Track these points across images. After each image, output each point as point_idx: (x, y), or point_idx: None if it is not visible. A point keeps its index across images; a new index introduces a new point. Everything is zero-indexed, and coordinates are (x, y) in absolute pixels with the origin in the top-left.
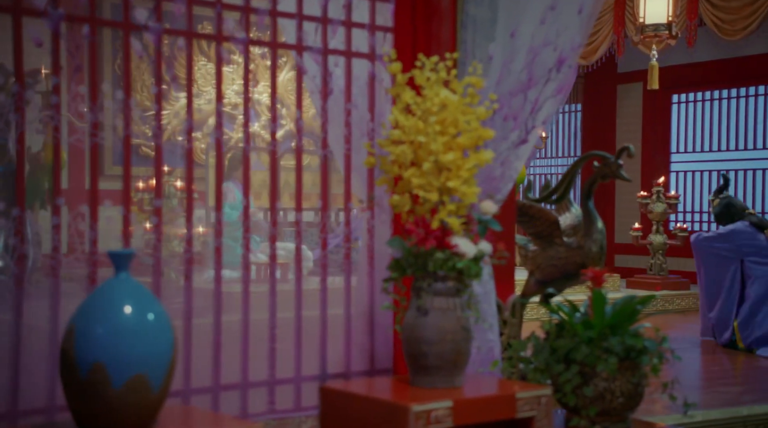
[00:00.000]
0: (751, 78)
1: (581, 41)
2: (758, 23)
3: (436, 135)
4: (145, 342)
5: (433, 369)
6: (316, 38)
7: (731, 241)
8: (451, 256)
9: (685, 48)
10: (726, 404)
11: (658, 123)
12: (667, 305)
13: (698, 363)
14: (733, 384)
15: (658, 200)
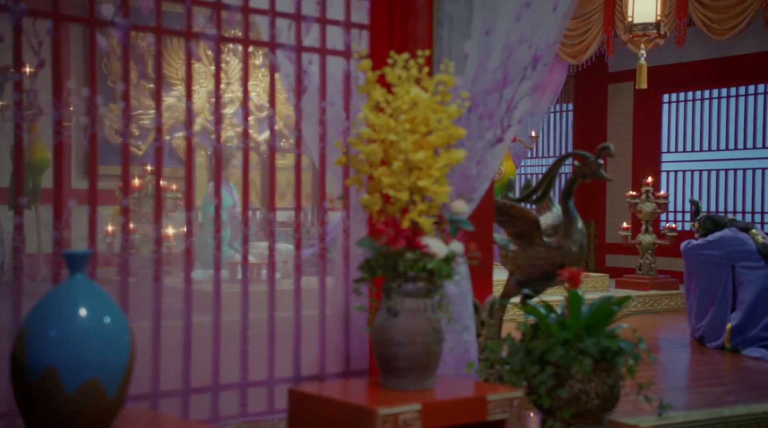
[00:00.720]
0: (741, 78)
1: (556, 39)
2: (747, 23)
3: (406, 133)
4: (101, 346)
5: (403, 371)
6: (289, 35)
7: (721, 247)
8: (422, 256)
9: (675, 48)
10: (709, 405)
11: (648, 123)
12: (656, 305)
13: (685, 363)
14: (717, 384)
15: (647, 200)
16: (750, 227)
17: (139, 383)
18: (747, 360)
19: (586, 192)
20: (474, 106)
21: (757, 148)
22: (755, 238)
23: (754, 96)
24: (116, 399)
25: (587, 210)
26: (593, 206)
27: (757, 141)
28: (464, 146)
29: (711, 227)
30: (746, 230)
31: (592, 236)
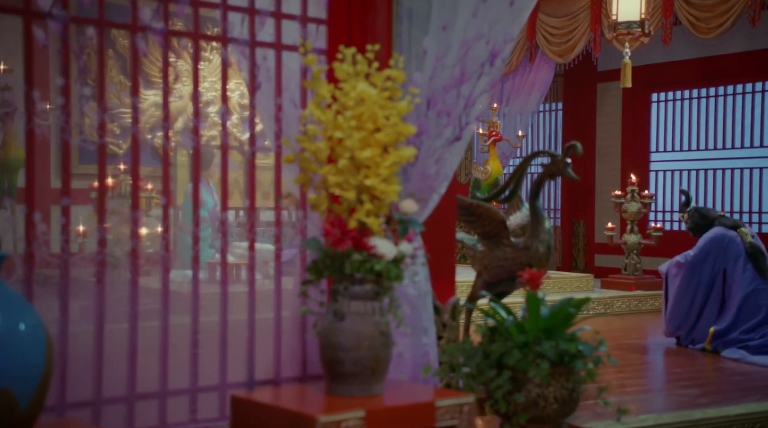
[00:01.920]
0: (729, 77)
1: (513, 34)
2: (732, 21)
3: (352, 130)
4: (13, 355)
5: (349, 376)
6: (242, 30)
7: (714, 250)
8: (369, 258)
9: (664, 47)
10: (682, 407)
11: (637, 122)
12: (640, 306)
13: (664, 364)
14: (693, 386)
15: (633, 200)
16: (739, 225)
17: (83, 390)
18: (726, 361)
19: (576, 192)
20: (432, 103)
21: (745, 147)
22: (744, 237)
23: (742, 95)
24: (30, 411)
25: (576, 210)
26: (582, 206)
27: (745, 140)
28: (423, 143)
29: (699, 221)
30: (735, 228)
31: (581, 236)
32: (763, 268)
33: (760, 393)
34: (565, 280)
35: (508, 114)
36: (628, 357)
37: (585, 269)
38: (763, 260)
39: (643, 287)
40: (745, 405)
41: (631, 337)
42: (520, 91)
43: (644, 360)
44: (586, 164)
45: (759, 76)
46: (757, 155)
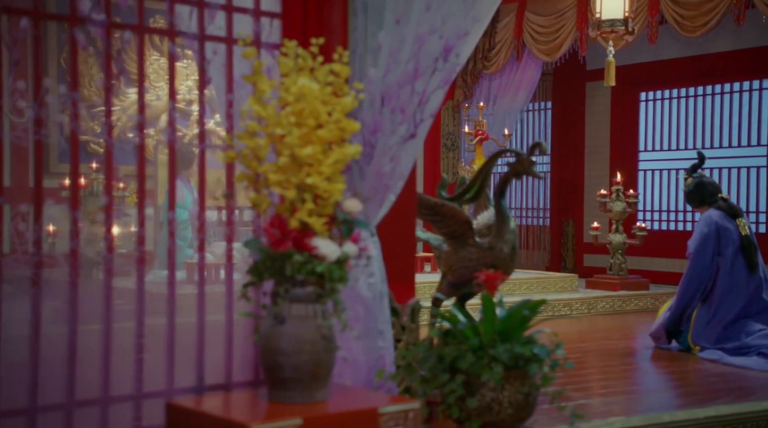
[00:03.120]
0: (717, 76)
1: (467, 29)
2: (717, 20)
3: (292, 127)
4: None
5: (290, 382)
6: (191, 23)
7: (713, 237)
8: (311, 259)
9: (653, 46)
10: (652, 409)
11: (626, 121)
12: (624, 306)
13: (637, 366)
14: (666, 388)
15: (618, 199)
16: (738, 214)
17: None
18: (704, 362)
19: (565, 191)
20: (387, 99)
21: (733, 146)
22: (741, 229)
23: (729, 94)
24: None
25: (565, 210)
26: (571, 206)
27: (732, 139)
28: (378, 141)
29: (695, 191)
30: (734, 216)
31: (569, 236)
32: (755, 262)
33: (733, 394)
34: (548, 280)
35: (495, 113)
36: (605, 358)
37: (573, 268)
38: (755, 254)
39: (628, 288)
40: (716, 407)
41: (610, 338)
42: (507, 90)
43: (621, 361)
44: (575, 163)
45: (746, 75)
46: (745, 154)
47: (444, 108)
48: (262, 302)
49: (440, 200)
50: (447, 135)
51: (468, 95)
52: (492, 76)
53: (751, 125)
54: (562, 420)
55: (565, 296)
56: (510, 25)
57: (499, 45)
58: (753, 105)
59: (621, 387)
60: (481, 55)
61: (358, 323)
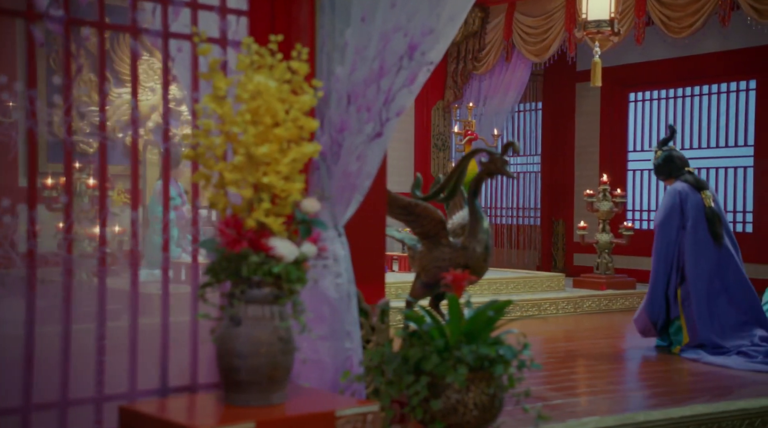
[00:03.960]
0: (704, 77)
1: (432, 26)
2: (703, 21)
3: (247, 125)
4: None
5: (245, 385)
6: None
7: (677, 208)
8: (267, 259)
9: (642, 47)
10: (629, 409)
11: (615, 121)
12: (610, 305)
13: (617, 366)
14: (644, 387)
15: (605, 199)
16: (703, 187)
17: None
18: (685, 362)
19: (555, 191)
20: (353, 97)
21: (720, 147)
22: (705, 201)
23: (717, 95)
24: None
25: (556, 209)
26: (561, 205)
27: (720, 140)
28: (344, 140)
29: (662, 164)
30: (698, 189)
31: (559, 235)
32: (719, 234)
33: (710, 394)
34: (535, 279)
35: (485, 113)
36: (586, 357)
37: (564, 268)
38: (720, 225)
39: (614, 287)
40: (691, 407)
41: (594, 337)
42: (497, 90)
43: (602, 360)
44: (565, 163)
45: (733, 75)
46: (732, 155)
47: (434, 108)
48: (220, 303)
49: (414, 199)
50: (437, 135)
51: (458, 96)
52: (482, 76)
53: (738, 125)
54: (530, 422)
55: (552, 296)
56: (500, 25)
57: (489, 46)
58: (740, 106)
59: (601, 387)
60: (471, 55)
61: (325, 324)
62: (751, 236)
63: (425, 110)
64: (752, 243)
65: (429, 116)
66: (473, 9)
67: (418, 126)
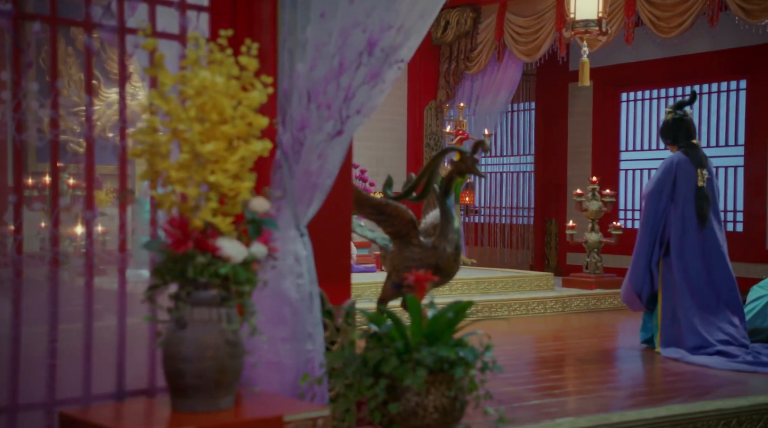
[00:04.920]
0: (695, 77)
1: (391, 22)
2: (691, 21)
3: (192, 122)
4: None
5: (191, 389)
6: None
7: (670, 180)
8: (214, 260)
9: (634, 47)
10: (604, 409)
11: (607, 121)
12: (599, 304)
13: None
14: (622, 387)
15: (594, 198)
16: (703, 165)
17: None
18: (666, 361)
19: (548, 191)
20: (314, 95)
21: (711, 146)
22: (699, 179)
23: (708, 95)
24: None
25: (549, 209)
26: (554, 205)
27: (710, 139)
28: (306, 138)
29: (670, 127)
30: (697, 166)
31: (552, 235)
32: (705, 214)
33: (688, 394)
34: (524, 279)
35: (477, 113)
36: (568, 357)
37: (557, 267)
38: (707, 206)
39: (603, 286)
40: (667, 407)
41: (578, 336)
42: (488, 90)
43: (584, 360)
44: (558, 163)
45: (724, 75)
46: (722, 154)
47: (427, 108)
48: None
49: (385, 199)
50: (430, 135)
51: (450, 96)
52: (474, 76)
53: (728, 125)
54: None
55: (540, 295)
56: (491, 25)
57: (480, 46)
58: (730, 105)
59: (580, 387)
60: (464, 55)
61: (285, 326)
62: (741, 236)
63: (418, 110)
64: (742, 242)
65: (421, 116)
66: (465, 9)
67: (411, 126)
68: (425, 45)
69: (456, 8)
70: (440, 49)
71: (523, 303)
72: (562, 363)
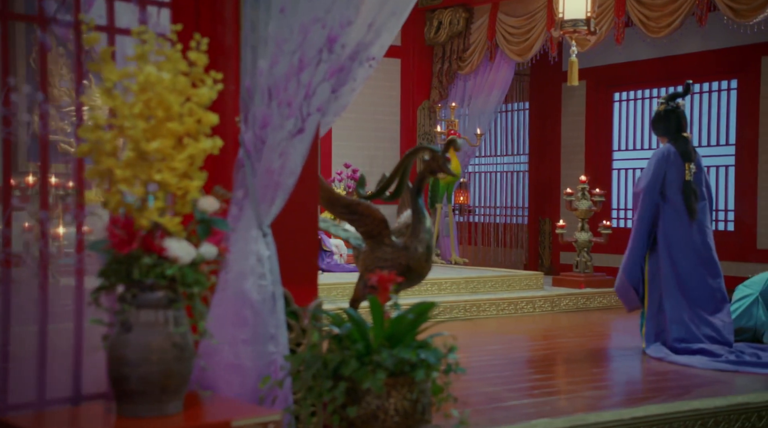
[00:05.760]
0: (687, 76)
1: (350, 18)
2: (681, 20)
3: (136, 119)
4: None
5: (136, 395)
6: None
7: (661, 174)
8: (160, 261)
9: (627, 47)
10: (581, 410)
11: (600, 120)
12: (588, 303)
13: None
14: (602, 387)
15: (583, 198)
16: (690, 159)
17: None
18: (650, 361)
19: (541, 190)
20: (275, 92)
21: (703, 146)
22: (687, 173)
23: (699, 94)
24: None
25: (543, 208)
26: (548, 204)
27: (702, 139)
28: (267, 136)
29: (662, 118)
30: (686, 160)
31: (546, 234)
32: (693, 208)
33: (668, 394)
34: (513, 278)
35: (469, 113)
36: (550, 357)
37: (550, 266)
38: (695, 201)
39: (593, 285)
40: (644, 408)
41: (564, 336)
42: (481, 90)
43: (566, 360)
44: (552, 163)
45: (715, 75)
46: (714, 154)
47: (420, 108)
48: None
49: (356, 198)
50: (423, 135)
51: (444, 96)
52: (467, 76)
53: (720, 124)
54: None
55: (529, 294)
56: (483, 26)
57: (473, 46)
58: (722, 105)
59: (559, 387)
60: (456, 55)
61: (247, 327)
62: (732, 234)
63: (411, 110)
64: (734, 241)
65: (414, 116)
66: (457, 9)
67: (404, 126)
68: (418, 45)
69: (449, 8)
70: (433, 50)
71: (511, 303)
72: (545, 362)
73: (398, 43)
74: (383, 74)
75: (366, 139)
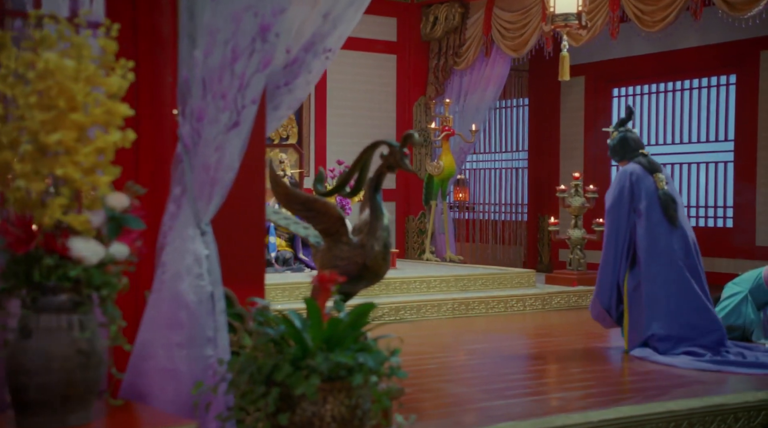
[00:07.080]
0: (685, 71)
1: (283, 5)
2: (675, 15)
3: (33, 109)
4: None
5: (36, 405)
6: None
7: (628, 191)
8: (63, 262)
9: (625, 42)
10: (551, 412)
11: (599, 116)
12: (580, 301)
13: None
14: (577, 388)
15: (576, 194)
16: (655, 170)
17: None
18: (633, 360)
19: (541, 187)
20: (209, 84)
21: (702, 142)
22: (658, 184)
23: (698, 90)
24: None
25: (542, 205)
26: (548, 201)
27: (701, 135)
28: (203, 130)
29: (618, 147)
30: (651, 172)
31: (545, 231)
32: (673, 216)
33: (642, 394)
34: (504, 276)
35: (465, 109)
36: (530, 357)
37: (549, 264)
38: (674, 208)
39: (585, 283)
40: (616, 409)
41: (549, 335)
42: (477, 86)
43: (545, 359)
44: (551, 159)
45: (714, 70)
46: (713, 150)
47: (416, 104)
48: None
49: (313, 195)
50: (419, 131)
51: (440, 91)
52: (463, 72)
53: (719, 120)
54: None
55: (520, 292)
56: (479, 21)
57: (468, 41)
58: (720, 100)
59: (535, 388)
60: (452, 51)
61: (182, 330)
62: (731, 231)
63: (407, 106)
64: (732, 238)
65: (411, 112)
66: (453, 5)
67: (400, 122)
68: (414, 41)
69: (444, 4)
70: (429, 45)
71: (501, 300)
72: (525, 362)
73: (394, 39)
74: (379, 70)
75: (361, 135)
